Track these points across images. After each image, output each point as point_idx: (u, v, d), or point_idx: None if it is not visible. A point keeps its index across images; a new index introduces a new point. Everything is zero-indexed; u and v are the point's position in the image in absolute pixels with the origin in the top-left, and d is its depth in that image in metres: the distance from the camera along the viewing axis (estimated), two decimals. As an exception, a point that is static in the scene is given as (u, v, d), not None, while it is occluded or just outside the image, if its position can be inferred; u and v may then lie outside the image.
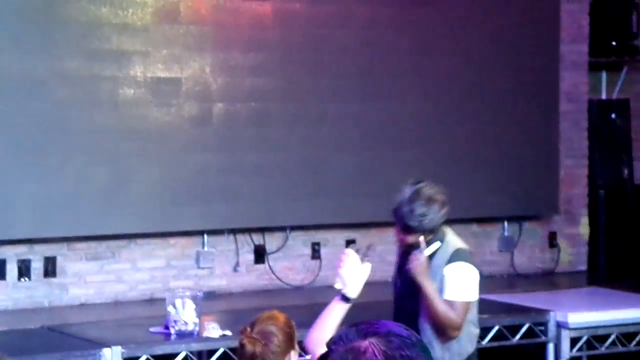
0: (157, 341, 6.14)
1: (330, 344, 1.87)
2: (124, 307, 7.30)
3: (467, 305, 4.71)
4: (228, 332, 6.13)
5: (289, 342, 3.69)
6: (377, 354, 1.80)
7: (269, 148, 7.87)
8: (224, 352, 6.12)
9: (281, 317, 3.75)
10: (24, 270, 7.14)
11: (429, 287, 4.62)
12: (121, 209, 7.32)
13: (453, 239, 4.79)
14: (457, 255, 4.71)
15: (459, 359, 4.65)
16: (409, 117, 8.34)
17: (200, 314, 6.24)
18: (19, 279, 7.15)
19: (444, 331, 4.66)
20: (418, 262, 4.62)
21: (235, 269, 7.88)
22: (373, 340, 1.82)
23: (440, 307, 4.61)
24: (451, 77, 8.47)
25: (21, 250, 7.16)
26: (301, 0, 7.92)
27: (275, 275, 8.02)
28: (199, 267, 7.77)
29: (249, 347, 3.61)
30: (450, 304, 4.65)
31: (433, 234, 4.73)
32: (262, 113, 7.85)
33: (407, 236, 4.72)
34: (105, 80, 7.29)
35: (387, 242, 8.39)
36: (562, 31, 8.97)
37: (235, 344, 4.45)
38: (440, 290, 4.69)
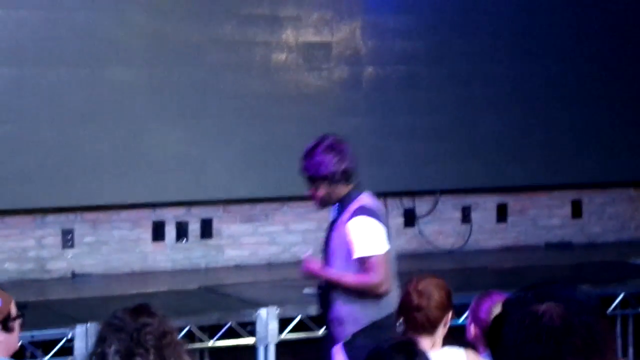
0: (311, 302, 6.21)
1: (507, 305, 1.85)
2: (277, 269, 7.42)
3: (382, 258, 4.60)
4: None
5: (449, 301, 3.86)
6: (554, 318, 1.77)
7: (419, 111, 7.82)
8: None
9: (440, 279, 3.93)
10: (182, 231, 7.35)
11: (330, 275, 4.64)
12: (274, 172, 7.42)
13: (364, 198, 4.71)
14: (360, 211, 4.64)
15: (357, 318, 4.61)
16: (564, 77, 8.14)
17: (353, 276, 6.28)
18: (177, 240, 7.36)
19: (371, 294, 4.60)
20: (308, 266, 4.65)
21: (385, 232, 7.88)
22: (551, 304, 1.78)
23: (351, 282, 4.59)
24: (612, 35, 8.23)
25: (179, 213, 7.36)
26: (452, -39, 7.83)
27: (425, 239, 8.01)
28: (349, 230, 7.82)
29: (415, 298, 3.79)
30: (362, 261, 4.58)
31: (339, 182, 4.65)
32: (412, 76, 7.81)
33: (314, 190, 4.70)
34: (258, 46, 7.39)
35: (539, 206, 8.27)
36: None
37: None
38: (348, 250, 4.62)
